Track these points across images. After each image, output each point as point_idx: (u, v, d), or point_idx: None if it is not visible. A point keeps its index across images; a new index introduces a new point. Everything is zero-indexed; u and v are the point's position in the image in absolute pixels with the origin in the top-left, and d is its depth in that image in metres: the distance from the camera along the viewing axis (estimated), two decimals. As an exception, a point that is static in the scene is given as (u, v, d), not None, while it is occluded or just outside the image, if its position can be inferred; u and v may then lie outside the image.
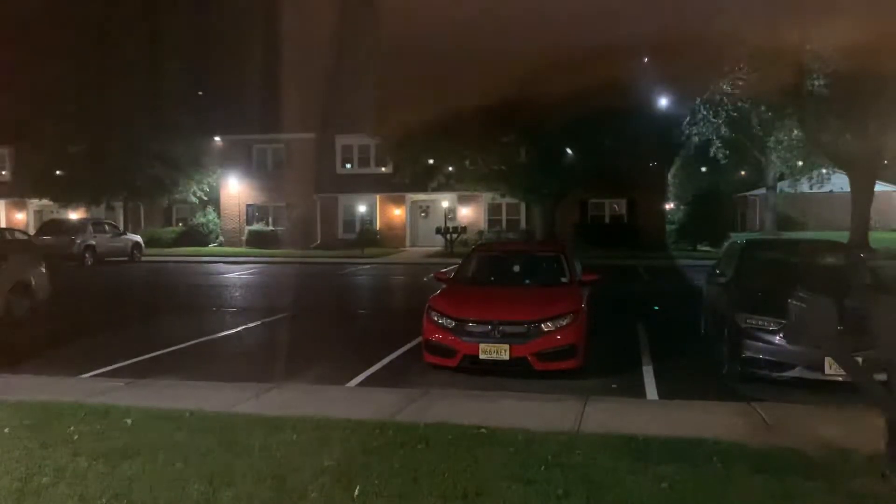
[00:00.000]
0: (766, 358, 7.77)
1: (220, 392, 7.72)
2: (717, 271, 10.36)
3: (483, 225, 35.78)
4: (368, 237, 34.60)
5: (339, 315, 14.47)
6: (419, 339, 9.27)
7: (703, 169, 37.77)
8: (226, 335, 11.99)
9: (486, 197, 34.87)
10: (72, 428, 6.13)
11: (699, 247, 32.69)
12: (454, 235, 32.29)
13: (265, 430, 6.05)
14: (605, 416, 6.60)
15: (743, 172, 44.23)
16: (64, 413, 6.61)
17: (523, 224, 35.27)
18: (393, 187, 34.62)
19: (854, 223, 28.83)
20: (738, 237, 16.59)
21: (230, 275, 24.02)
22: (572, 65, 21.46)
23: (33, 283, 13.75)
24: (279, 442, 5.76)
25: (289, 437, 5.88)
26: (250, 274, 24.33)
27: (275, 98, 29.43)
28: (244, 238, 37.19)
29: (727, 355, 8.44)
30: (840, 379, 7.12)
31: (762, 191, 44.44)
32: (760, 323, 7.89)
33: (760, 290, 8.55)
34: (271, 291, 19.25)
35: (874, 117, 23.80)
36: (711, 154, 27.39)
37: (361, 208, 37.14)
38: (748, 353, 7.88)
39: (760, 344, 7.81)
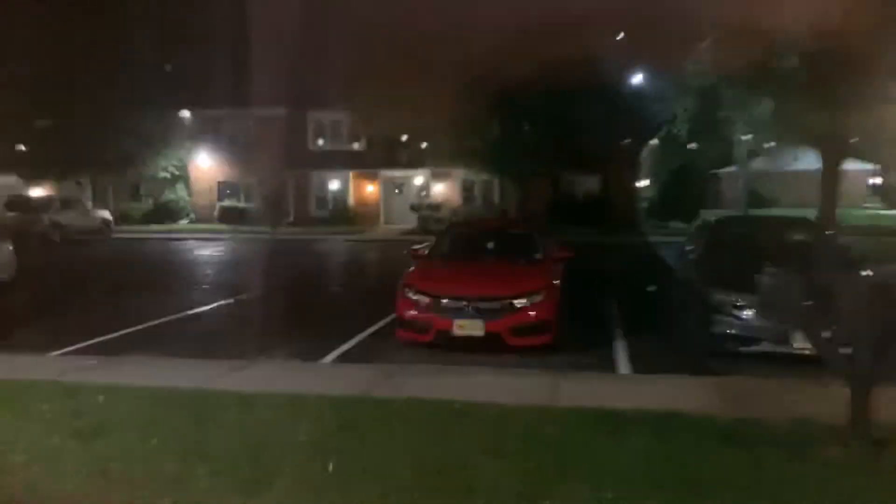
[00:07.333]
0: (736, 333, 7.90)
1: (193, 369, 7.69)
2: (688, 248, 10.48)
3: (457, 202, 35.70)
4: (342, 214, 34.33)
5: (314, 292, 14.40)
6: (394, 315, 9.28)
7: (684, 146, 37.96)
8: (199, 312, 11.90)
9: (460, 174, 34.77)
10: (44, 406, 6.08)
11: (671, 224, 32.99)
12: (428, 212, 32.20)
13: (239, 407, 6.04)
14: (578, 390, 6.68)
15: (716, 150, 44.50)
16: (36, 391, 6.54)
17: (497, 200, 35.25)
18: (366, 164, 34.36)
19: (823, 201, 29.28)
20: (708, 214, 16.78)
21: (202, 251, 23.79)
22: (545, 39, 21.41)
23: None
24: (254, 418, 5.76)
25: (263, 413, 5.89)
26: (222, 250, 24.12)
27: (245, 72, 28.91)
28: (216, 214, 36.79)
29: (698, 330, 8.57)
30: (807, 353, 7.25)
31: (734, 168, 44.86)
32: (729, 298, 8.01)
33: (729, 267, 8.67)
34: (244, 268, 19.06)
35: (842, 94, 24.03)
36: (674, 131, 27.37)
37: (334, 185, 36.81)
38: (718, 328, 8.01)
39: (730, 319, 7.94)
